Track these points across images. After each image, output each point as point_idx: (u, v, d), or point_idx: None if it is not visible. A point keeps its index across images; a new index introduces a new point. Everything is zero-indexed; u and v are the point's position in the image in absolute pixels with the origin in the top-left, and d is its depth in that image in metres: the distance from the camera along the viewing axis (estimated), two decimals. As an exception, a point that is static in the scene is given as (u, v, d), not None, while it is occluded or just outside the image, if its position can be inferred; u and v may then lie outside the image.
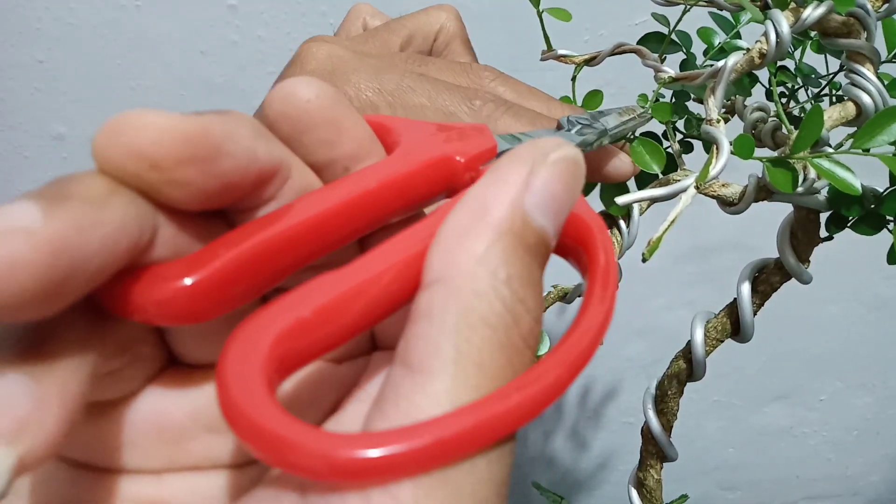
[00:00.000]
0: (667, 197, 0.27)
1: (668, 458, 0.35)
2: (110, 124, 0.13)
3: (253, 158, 0.15)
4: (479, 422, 0.12)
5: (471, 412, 0.12)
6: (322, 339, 0.14)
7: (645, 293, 0.72)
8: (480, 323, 0.13)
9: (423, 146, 0.18)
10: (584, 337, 0.15)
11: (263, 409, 0.12)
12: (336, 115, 0.17)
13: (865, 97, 0.26)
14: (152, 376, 0.17)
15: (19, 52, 0.58)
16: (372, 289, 0.15)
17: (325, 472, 0.12)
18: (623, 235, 0.32)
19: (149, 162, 0.13)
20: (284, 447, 0.12)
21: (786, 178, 0.25)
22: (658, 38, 0.33)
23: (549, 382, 0.13)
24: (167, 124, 0.13)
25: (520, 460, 0.80)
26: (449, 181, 0.19)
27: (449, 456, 0.12)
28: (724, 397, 0.79)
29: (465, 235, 0.14)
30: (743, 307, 0.31)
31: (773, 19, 0.25)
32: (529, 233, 0.14)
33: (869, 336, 0.76)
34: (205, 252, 0.15)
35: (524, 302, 0.14)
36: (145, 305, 0.14)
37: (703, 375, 0.33)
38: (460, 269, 0.14)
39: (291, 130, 0.17)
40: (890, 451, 0.82)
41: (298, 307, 0.14)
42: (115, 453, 0.16)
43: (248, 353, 0.13)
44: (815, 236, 0.30)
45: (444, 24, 0.34)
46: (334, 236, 0.16)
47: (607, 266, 0.16)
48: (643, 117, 0.29)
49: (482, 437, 0.12)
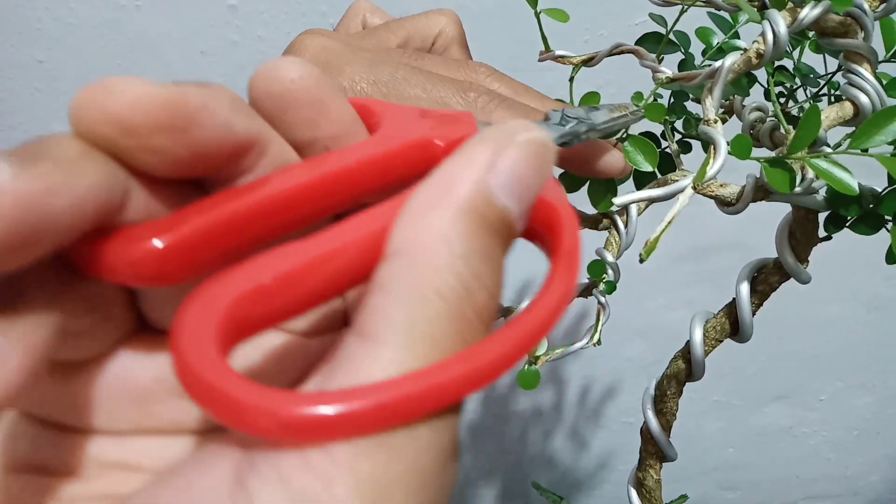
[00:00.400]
0: (665, 197, 0.27)
1: (668, 458, 0.35)
2: (88, 88, 0.14)
3: (229, 131, 0.15)
4: (422, 389, 0.12)
5: (414, 379, 0.13)
6: (282, 306, 0.14)
7: (644, 293, 0.72)
8: (434, 295, 0.13)
9: (405, 129, 0.19)
10: (538, 315, 0.15)
11: (213, 367, 0.12)
12: (320, 96, 0.17)
13: (863, 97, 0.26)
14: (122, 339, 0.17)
15: (19, 52, 0.58)
16: (337, 260, 0.15)
17: (267, 428, 0.12)
18: (621, 236, 0.32)
19: (123, 127, 0.14)
20: (228, 402, 0.12)
21: (783, 179, 0.25)
22: (656, 39, 0.33)
23: (496, 356, 0.14)
24: (144, 91, 0.14)
25: (520, 460, 0.80)
26: (428, 164, 0.19)
27: (388, 420, 0.12)
28: (724, 397, 0.79)
29: (428, 211, 0.14)
30: (742, 307, 0.31)
31: (770, 19, 0.25)
32: (492, 212, 0.15)
33: (869, 336, 0.76)
34: (177, 216, 0.15)
35: (480, 277, 0.14)
36: (114, 265, 0.14)
37: (702, 375, 0.33)
38: (419, 242, 0.14)
39: (274, 108, 0.17)
40: (890, 451, 0.82)
41: (260, 273, 0.14)
42: (81, 413, 0.16)
43: (204, 315, 0.13)
44: (814, 236, 0.30)
45: (443, 27, 0.34)
46: (308, 211, 0.17)
47: (572, 249, 0.16)
48: (636, 115, 0.29)
49: (423, 404, 0.13)
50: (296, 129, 0.17)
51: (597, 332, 0.34)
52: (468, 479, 0.81)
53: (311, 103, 0.17)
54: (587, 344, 0.34)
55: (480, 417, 0.78)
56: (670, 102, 0.35)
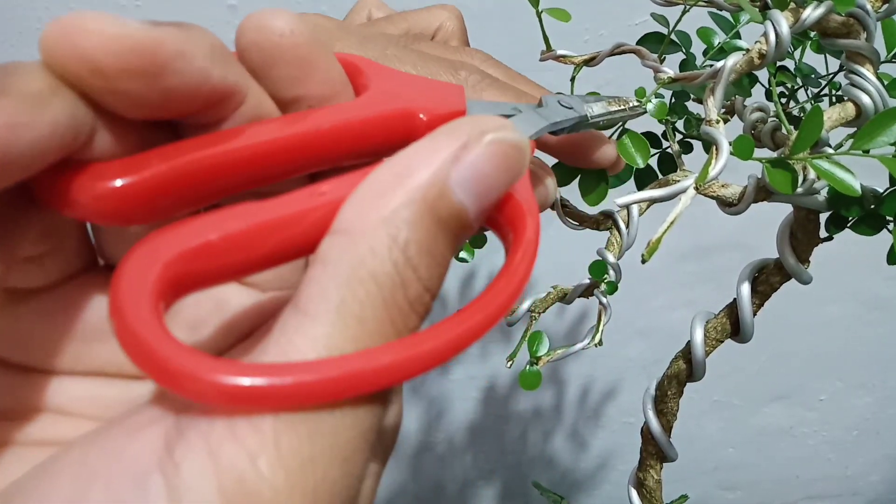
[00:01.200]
0: (666, 198, 0.27)
1: (668, 459, 0.35)
2: (62, 21, 0.13)
3: (204, 79, 0.15)
4: (345, 373, 0.13)
5: (339, 363, 0.13)
6: (227, 265, 0.14)
7: (645, 293, 0.72)
8: (369, 278, 0.14)
9: (390, 96, 0.18)
10: (483, 309, 0.15)
11: (148, 324, 0.13)
12: (308, 53, 0.17)
13: (865, 98, 0.26)
14: (75, 273, 0.17)
15: (19, 52, 0.58)
16: (289, 228, 0.15)
17: (195, 391, 0.12)
18: (622, 236, 0.32)
19: (93, 68, 0.13)
20: (160, 363, 0.12)
21: (785, 179, 0.25)
22: (657, 39, 0.33)
23: (424, 352, 0.14)
24: (118, 32, 0.13)
25: (520, 460, 0.80)
26: (407, 136, 0.18)
27: (311, 398, 0.13)
28: (724, 397, 0.79)
29: (380, 194, 0.14)
30: (743, 307, 0.31)
31: (772, 20, 0.25)
32: (444, 206, 0.14)
33: (869, 336, 0.76)
34: (141, 158, 0.15)
35: (417, 269, 0.14)
36: (73, 201, 0.14)
37: (702, 376, 0.33)
38: (364, 224, 0.14)
39: (260, 62, 0.16)
40: (890, 451, 0.82)
41: (208, 229, 0.14)
42: (22, 348, 0.16)
43: (144, 268, 0.13)
44: (815, 237, 0.30)
45: (443, 21, 0.34)
46: (277, 169, 0.16)
47: (530, 244, 0.16)
48: (634, 111, 0.29)
49: (345, 388, 0.13)
50: (280, 85, 0.17)
51: (598, 332, 0.34)
52: (468, 479, 0.81)
53: (299, 60, 0.17)
54: (588, 344, 0.34)
55: (480, 417, 0.78)
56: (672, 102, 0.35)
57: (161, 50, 0.14)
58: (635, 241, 0.32)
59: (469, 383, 0.76)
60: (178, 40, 0.14)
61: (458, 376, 0.75)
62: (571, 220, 0.34)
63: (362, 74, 0.19)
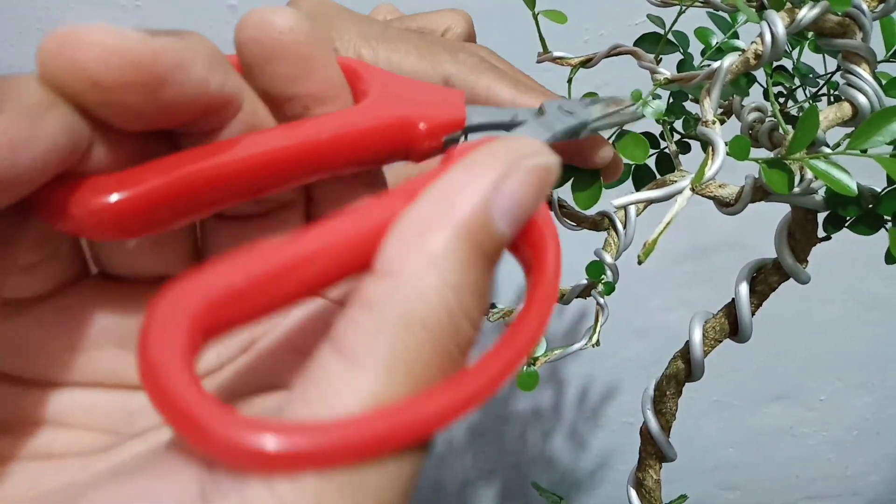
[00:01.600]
0: (663, 198, 0.27)
1: (667, 459, 0.35)
2: (59, 35, 0.13)
3: (203, 90, 0.15)
4: (394, 426, 0.12)
5: (387, 416, 0.12)
6: (253, 308, 0.14)
7: (643, 293, 0.72)
8: (420, 326, 0.13)
9: (389, 103, 0.18)
10: (511, 350, 0.14)
11: (180, 382, 0.12)
12: (308, 52, 0.16)
13: (862, 98, 0.26)
14: (69, 281, 0.16)
15: (19, 52, 0.58)
16: (315, 264, 0.14)
17: (233, 458, 0.12)
18: (620, 236, 0.32)
19: (91, 81, 0.13)
20: (195, 425, 0.12)
21: (782, 179, 0.25)
22: (654, 39, 0.33)
23: (469, 393, 0.13)
24: (116, 45, 0.13)
25: (519, 460, 0.80)
26: (407, 146, 0.18)
27: (358, 456, 0.12)
28: (724, 397, 0.79)
29: (425, 231, 0.14)
30: (741, 307, 0.31)
31: (768, 20, 0.25)
32: (488, 239, 0.14)
33: (868, 336, 0.76)
34: (136, 172, 0.14)
35: (468, 312, 0.14)
36: (68, 217, 0.14)
37: (701, 376, 0.33)
38: (412, 266, 0.13)
39: (258, 58, 0.16)
40: (890, 451, 0.82)
41: (232, 274, 0.13)
42: (18, 359, 0.16)
43: (171, 323, 0.13)
44: (813, 236, 0.30)
45: (451, 24, 0.34)
46: (276, 178, 0.16)
47: (552, 278, 0.15)
48: (633, 115, 0.28)
49: (394, 441, 0.12)
50: (277, 83, 0.17)
51: (595, 332, 0.34)
52: (468, 479, 0.81)
53: (298, 58, 0.16)
54: (586, 345, 0.34)
55: (480, 417, 0.78)
56: (669, 103, 0.35)
57: (160, 62, 0.14)
58: (633, 241, 0.32)
59: (468, 383, 0.76)
60: (176, 51, 0.14)
61: (457, 376, 0.75)
62: (569, 221, 0.34)
63: (361, 79, 0.18)
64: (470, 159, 0.15)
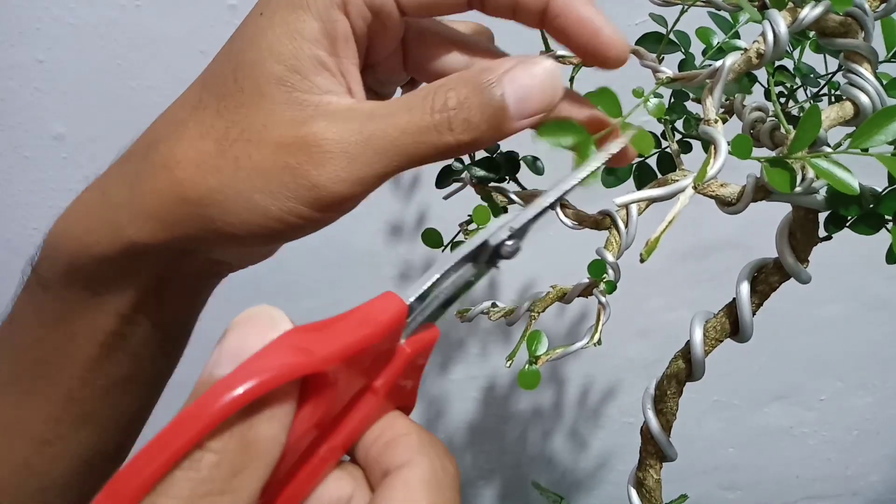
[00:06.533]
0: (665, 197, 0.27)
1: (668, 458, 0.35)
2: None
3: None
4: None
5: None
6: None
7: (644, 293, 0.72)
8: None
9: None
10: None
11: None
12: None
13: (863, 97, 0.26)
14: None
15: (19, 52, 0.58)
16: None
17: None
18: (621, 235, 0.32)
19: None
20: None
21: (783, 178, 0.25)
22: (656, 38, 0.33)
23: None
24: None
25: (520, 460, 0.80)
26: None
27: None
28: (724, 397, 0.79)
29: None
30: (742, 307, 0.31)
31: (770, 19, 0.25)
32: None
33: (869, 336, 0.76)
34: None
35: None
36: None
37: (702, 375, 0.33)
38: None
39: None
40: (890, 451, 0.82)
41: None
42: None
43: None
44: (814, 236, 0.30)
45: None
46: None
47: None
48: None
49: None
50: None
51: (597, 331, 0.34)
52: (468, 479, 0.81)
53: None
54: (587, 344, 0.34)
55: (480, 417, 0.78)
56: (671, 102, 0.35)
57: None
58: (634, 240, 0.32)
59: (469, 383, 0.76)
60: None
61: (457, 376, 0.75)
62: (571, 220, 0.34)
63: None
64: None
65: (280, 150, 0.24)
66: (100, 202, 0.27)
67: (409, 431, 0.20)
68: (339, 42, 0.25)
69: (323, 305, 0.67)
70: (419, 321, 0.21)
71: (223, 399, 0.15)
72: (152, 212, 0.25)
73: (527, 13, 0.27)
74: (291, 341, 0.17)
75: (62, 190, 0.63)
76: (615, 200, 0.27)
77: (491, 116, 0.24)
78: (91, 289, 0.28)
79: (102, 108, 0.60)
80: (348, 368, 0.18)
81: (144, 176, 0.26)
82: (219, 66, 0.27)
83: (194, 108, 0.26)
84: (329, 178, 0.24)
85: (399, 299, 0.20)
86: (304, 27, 0.25)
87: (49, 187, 0.63)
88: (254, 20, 0.26)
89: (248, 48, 0.25)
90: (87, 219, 0.27)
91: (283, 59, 0.24)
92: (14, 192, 0.63)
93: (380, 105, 0.25)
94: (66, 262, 0.27)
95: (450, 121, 0.24)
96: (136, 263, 0.27)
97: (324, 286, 0.68)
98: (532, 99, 0.24)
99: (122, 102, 0.60)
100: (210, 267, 0.30)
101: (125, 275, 0.27)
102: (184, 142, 0.25)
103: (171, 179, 0.25)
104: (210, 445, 0.15)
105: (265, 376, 0.16)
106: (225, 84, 0.25)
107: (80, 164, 0.62)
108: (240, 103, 0.25)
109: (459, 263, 0.22)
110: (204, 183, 0.24)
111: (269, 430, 0.16)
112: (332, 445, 0.20)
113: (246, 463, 0.16)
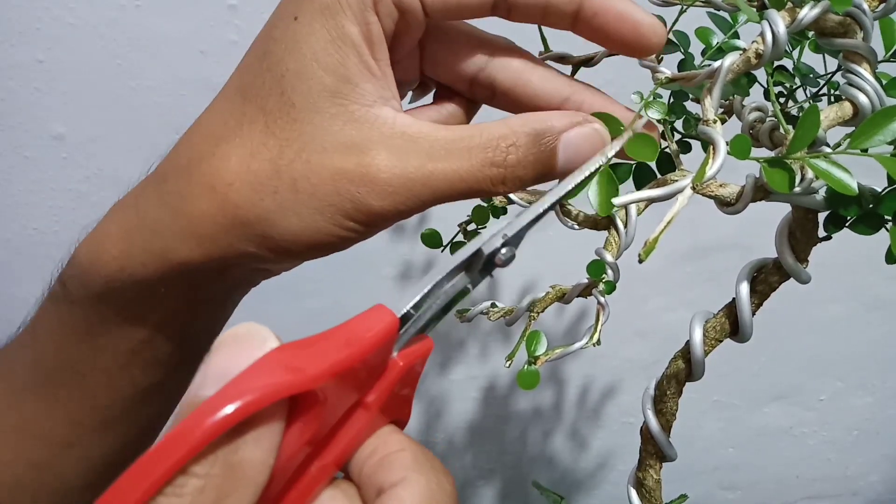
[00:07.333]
0: (664, 197, 0.27)
1: (668, 458, 0.35)
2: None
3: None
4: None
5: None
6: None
7: (644, 293, 0.72)
8: None
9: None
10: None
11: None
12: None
13: (862, 97, 0.26)
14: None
15: (19, 52, 0.58)
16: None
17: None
18: (620, 236, 0.32)
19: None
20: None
21: (782, 179, 0.25)
22: (656, 39, 0.33)
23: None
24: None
25: (520, 460, 0.80)
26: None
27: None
28: (724, 397, 0.79)
29: None
30: (742, 307, 0.31)
31: (769, 19, 0.25)
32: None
33: (869, 336, 0.76)
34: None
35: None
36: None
37: (701, 375, 0.33)
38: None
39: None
40: (890, 451, 0.82)
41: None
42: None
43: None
44: (814, 236, 0.30)
45: None
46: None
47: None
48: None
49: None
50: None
51: (596, 332, 0.34)
52: (468, 479, 0.81)
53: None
54: (587, 344, 0.34)
55: (480, 417, 0.78)
56: (670, 102, 0.35)
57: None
58: (633, 240, 0.32)
59: (469, 383, 0.76)
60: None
61: (457, 376, 0.75)
62: (570, 220, 0.34)
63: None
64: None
65: (341, 178, 0.24)
66: (138, 225, 0.26)
67: (403, 447, 0.20)
68: (375, 44, 0.25)
69: (324, 306, 0.67)
70: (412, 333, 0.21)
71: (207, 422, 0.15)
72: (204, 234, 0.25)
73: (559, 16, 0.27)
74: (278, 360, 0.17)
75: (62, 190, 0.63)
76: (614, 200, 0.27)
77: (540, 174, 0.26)
78: (126, 308, 0.27)
79: (102, 108, 0.60)
80: (338, 385, 0.18)
81: (190, 198, 0.25)
82: (256, 77, 0.26)
83: (238, 122, 0.25)
84: (388, 208, 0.24)
85: (390, 312, 0.20)
86: (346, 33, 0.24)
87: (49, 187, 0.63)
88: (287, 25, 0.25)
89: (289, 57, 0.25)
90: (125, 242, 0.26)
91: (332, 68, 0.24)
92: (14, 192, 0.63)
93: (437, 140, 0.25)
94: (102, 284, 0.27)
95: (504, 177, 0.25)
96: (178, 282, 0.26)
97: (325, 286, 0.68)
98: (579, 160, 0.26)
99: (122, 102, 0.60)
100: (250, 276, 0.30)
101: (164, 294, 0.27)
102: (231, 161, 0.24)
103: (223, 201, 0.24)
104: (194, 470, 0.15)
105: (250, 397, 0.15)
106: (270, 97, 0.25)
107: (80, 164, 0.62)
108: (292, 119, 0.24)
109: (453, 273, 0.22)
110: (261, 205, 0.24)
111: (256, 453, 0.16)
112: (324, 463, 0.19)
113: (231, 488, 0.15)
